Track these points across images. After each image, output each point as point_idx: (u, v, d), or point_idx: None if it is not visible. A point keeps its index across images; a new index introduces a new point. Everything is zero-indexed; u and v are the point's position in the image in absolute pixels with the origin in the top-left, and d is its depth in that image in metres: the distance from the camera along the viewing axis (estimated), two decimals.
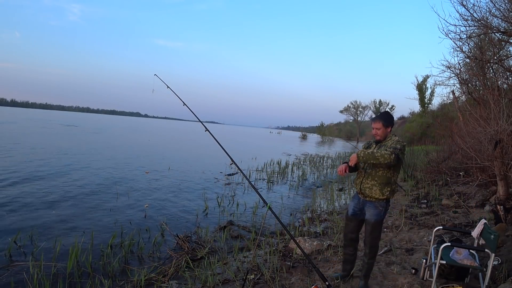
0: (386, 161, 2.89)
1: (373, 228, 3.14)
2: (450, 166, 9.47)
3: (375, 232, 3.17)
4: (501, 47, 8.03)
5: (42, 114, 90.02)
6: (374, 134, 3.20)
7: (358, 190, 3.26)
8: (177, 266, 4.04)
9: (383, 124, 3.14)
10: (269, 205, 3.24)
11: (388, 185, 3.09)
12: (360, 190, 3.21)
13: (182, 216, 6.45)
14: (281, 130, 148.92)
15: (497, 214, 5.02)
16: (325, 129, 70.45)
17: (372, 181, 3.13)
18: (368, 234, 3.18)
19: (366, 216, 3.19)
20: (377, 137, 3.18)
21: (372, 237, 3.17)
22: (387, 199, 3.13)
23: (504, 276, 3.22)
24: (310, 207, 7.61)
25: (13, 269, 3.80)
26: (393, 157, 2.88)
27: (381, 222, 3.18)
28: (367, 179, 3.15)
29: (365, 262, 3.26)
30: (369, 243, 3.20)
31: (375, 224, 3.13)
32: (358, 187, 3.25)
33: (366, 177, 3.17)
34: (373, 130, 3.21)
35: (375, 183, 3.11)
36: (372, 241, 3.19)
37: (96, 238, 4.73)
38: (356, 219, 3.30)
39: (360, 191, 3.21)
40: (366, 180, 3.16)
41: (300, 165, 16.01)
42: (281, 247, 4.74)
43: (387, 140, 3.18)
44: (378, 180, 3.10)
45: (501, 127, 5.37)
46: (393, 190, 3.13)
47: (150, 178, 9.92)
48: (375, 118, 3.22)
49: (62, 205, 6.45)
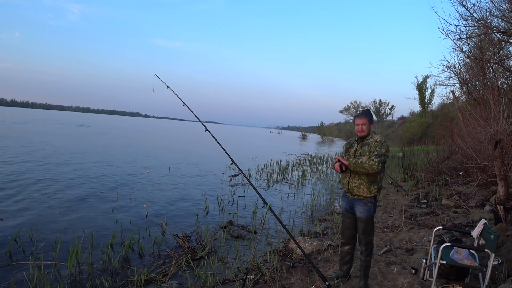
0: (374, 171, 3.07)
1: (366, 224, 3.23)
2: (450, 166, 9.47)
3: (368, 229, 3.26)
4: (501, 47, 8.04)
5: (44, 114, 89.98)
6: (359, 131, 3.25)
7: (345, 189, 3.34)
8: (178, 266, 4.04)
9: (368, 121, 3.24)
10: (269, 205, 3.25)
11: (374, 183, 3.19)
12: (348, 189, 3.29)
13: (182, 216, 6.45)
14: (281, 130, 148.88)
15: (497, 214, 5.02)
16: (325, 129, 70.40)
17: (359, 180, 3.20)
18: (361, 232, 3.27)
19: (357, 214, 3.28)
20: (362, 133, 3.24)
21: (366, 234, 3.26)
22: (374, 196, 3.23)
23: (504, 276, 3.22)
24: (310, 207, 7.61)
25: (13, 269, 3.80)
26: (380, 166, 3.06)
27: (372, 218, 3.28)
28: (354, 179, 3.23)
29: (363, 261, 3.31)
30: (363, 240, 3.28)
31: (367, 221, 3.23)
32: (345, 187, 3.32)
33: (352, 177, 3.24)
34: (357, 126, 3.26)
35: (362, 182, 3.19)
36: (366, 237, 3.27)
37: (96, 237, 4.73)
38: (352, 215, 3.36)
39: (348, 190, 3.30)
40: (353, 179, 3.23)
41: (300, 165, 16.01)
42: (281, 247, 4.74)
43: (369, 138, 3.26)
44: (365, 179, 3.18)
45: (501, 127, 5.38)
46: (379, 188, 3.24)
47: (150, 178, 9.92)
48: (360, 115, 3.30)
49: (63, 204, 6.44)
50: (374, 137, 3.26)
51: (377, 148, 3.14)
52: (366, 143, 3.24)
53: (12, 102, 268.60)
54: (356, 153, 3.27)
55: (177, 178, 10.45)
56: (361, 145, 3.27)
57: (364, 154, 3.21)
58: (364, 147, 3.24)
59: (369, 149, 3.19)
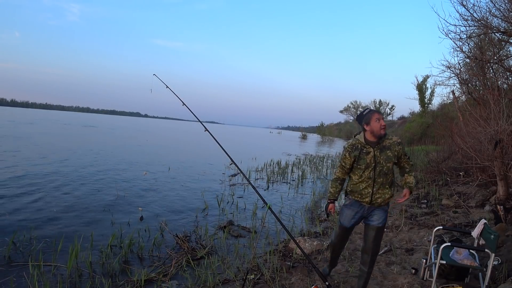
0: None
1: (379, 232, 2.95)
2: (450, 166, 9.46)
3: (380, 237, 2.99)
4: (501, 47, 8.04)
5: (46, 114, 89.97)
6: (382, 127, 2.76)
7: (366, 201, 2.91)
8: (178, 266, 4.04)
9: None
10: (269, 205, 3.24)
11: (392, 183, 2.96)
12: (370, 201, 2.89)
13: (182, 216, 6.44)
14: (281, 130, 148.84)
15: (497, 214, 5.02)
16: (325, 129, 70.44)
17: (384, 189, 2.88)
18: (373, 240, 2.94)
19: (371, 222, 2.93)
20: (384, 131, 2.78)
21: (376, 243, 2.96)
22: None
23: (504, 276, 3.22)
24: (310, 207, 7.61)
25: (12, 269, 3.80)
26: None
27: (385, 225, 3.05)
28: (379, 189, 2.86)
29: (365, 272, 3.04)
30: (372, 250, 2.96)
31: (382, 228, 2.96)
32: (366, 199, 2.89)
33: (377, 188, 2.85)
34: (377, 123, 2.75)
35: (386, 189, 2.89)
36: (375, 248, 2.98)
37: (96, 238, 4.72)
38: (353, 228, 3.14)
39: (371, 202, 2.90)
40: (378, 190, 2.86)
41: (300, 165, 16.00)
42: (281, 247, 4.74)
43: (385, 140, 2.85)
44: (388, 184, 2.90)
45: (501, 127, 5.38)
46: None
47: (150, 178, 9.91)
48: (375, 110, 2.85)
49: (62, 204, 6.44)
50: (389, 138, 2.88)
51: (402, 149, 2.88)
52: (384, 146, 2.82)
53: (12, 102, 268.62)
54: (377, 160, 2.80)
55: (177, 178, 10.45)
56: (379, 149, 2.81)
57: (390, 161, 2.82)
58: (384, 151, 2.81)
59: (393, 153, 2.82)
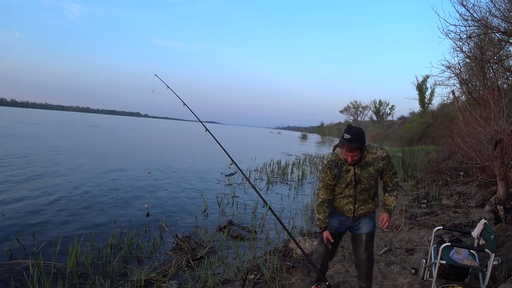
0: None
1: (370, 238, 2.80)
2: (450, 166, 9.46)
3: (372, 243, 2.83)
4: (501, 47, 8.04)
5: (47, 114, 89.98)
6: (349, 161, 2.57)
7: (349, 215, 2.77)
8: (178, 266, 4.04)
9: (360, 148, 2.51)
10: (269, 205, 3.23)
11: (375, 194, 2.80)
12: (353, 215, 2.76)
13: (182, 216, 6.44)
14: (281, 130, 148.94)
15: (497, 214, 5.02)
16: (325, 129, 70.51)
17: (367, 204, 2.75)
18: (365, 248, 2.76)
19: (358, 231, 2.78)
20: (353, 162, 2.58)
21: (368, 252, 2.77)
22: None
23: (504, 276, 3.22)
24: (310, 207, 7.61)
25: (12, 268, 3.80)
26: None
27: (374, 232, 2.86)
28: (361, 206, 2.73)
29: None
30: (365, 262, 2.77)
31: (372, 234, 2.80)
32: (350, 214, 2.76)
33: (359, 205, 2.73)
34: (346, 156, 2.55)
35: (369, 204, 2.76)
36: (368, 258, 2.78)
37: (96, 237, 4.73)
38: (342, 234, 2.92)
39: (354, 215, 2.76)
40: (360, 206, 2.73)
41: (300, 165, 16.00)
42: (281, 247, 4.74)
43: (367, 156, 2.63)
44: (370, 198, 2.76)
45: (501, 127, 5.38)
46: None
47: (150, 178, 9.92)
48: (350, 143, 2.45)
49: (63, 204, 6.44)
50: (373, 152, 2.64)
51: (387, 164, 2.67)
52: (366, 163, 2.62)
53: (12, 102, 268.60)
54: (357, 178, 2.63)
55: (177, 178, 10.45)
56: (360, 166, 2.61)
57: (372, 178, 2.64)
58: (366, 169, 2.62)
59: (375, 169, 2.63)
